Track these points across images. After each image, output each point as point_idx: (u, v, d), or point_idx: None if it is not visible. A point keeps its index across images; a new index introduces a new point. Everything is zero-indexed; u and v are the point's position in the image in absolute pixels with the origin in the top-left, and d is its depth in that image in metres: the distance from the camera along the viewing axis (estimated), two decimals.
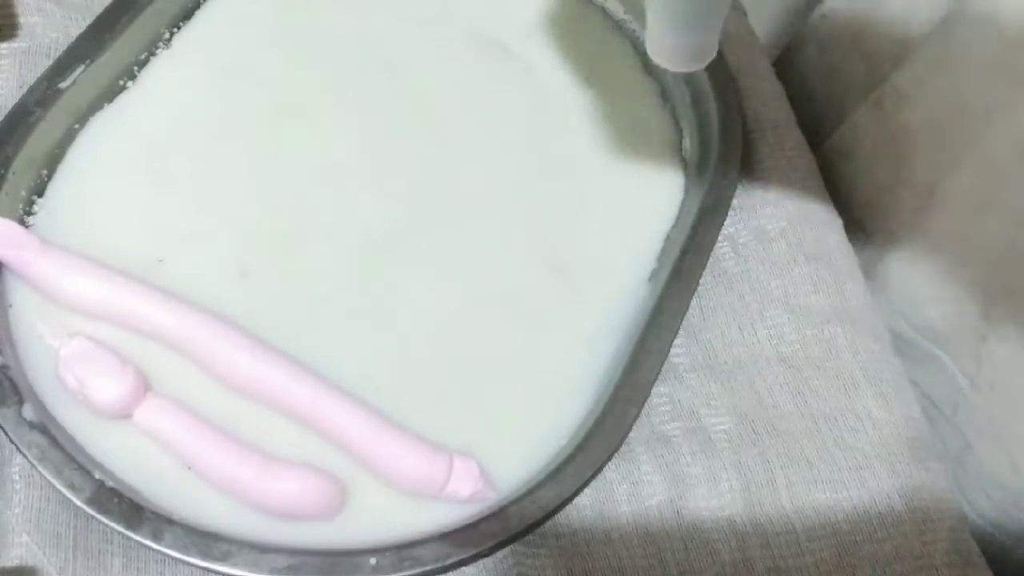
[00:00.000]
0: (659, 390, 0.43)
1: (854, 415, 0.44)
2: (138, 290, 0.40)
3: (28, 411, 0.37)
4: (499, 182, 0.47)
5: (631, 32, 0.52)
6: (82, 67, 0.44)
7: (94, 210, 0.43)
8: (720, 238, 0.46)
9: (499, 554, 0.39)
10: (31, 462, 0.36)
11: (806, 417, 0.44)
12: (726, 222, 0.46)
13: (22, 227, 0.41)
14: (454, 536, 0.37)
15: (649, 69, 0.51)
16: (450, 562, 0.36)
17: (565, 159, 0.48)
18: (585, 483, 0.39)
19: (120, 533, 0.35)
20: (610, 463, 0.40)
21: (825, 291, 0.47)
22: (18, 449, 0.36)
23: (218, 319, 0.40)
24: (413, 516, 0.38)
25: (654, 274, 0.45)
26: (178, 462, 0.38)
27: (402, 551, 0.36)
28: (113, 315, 0.40)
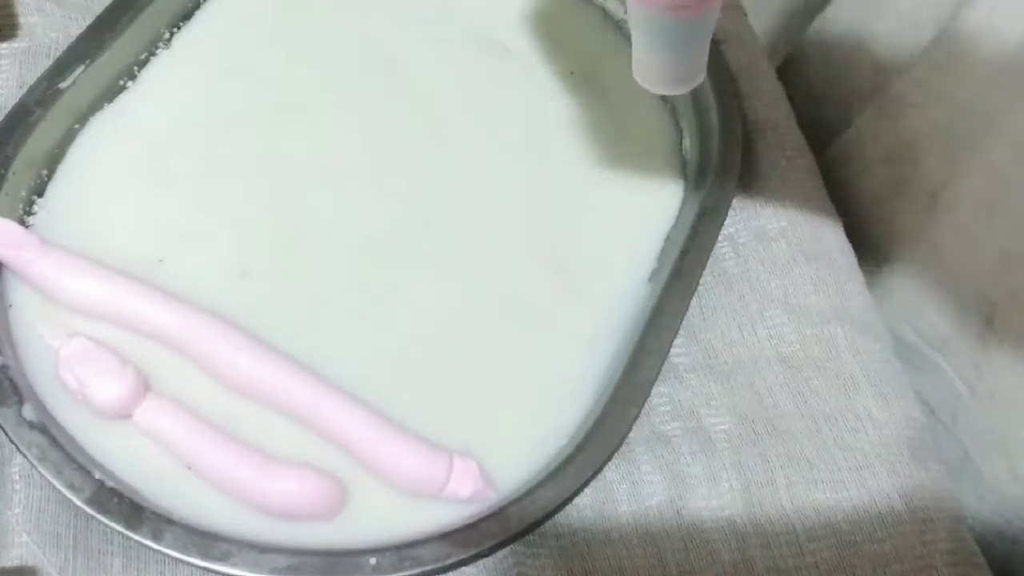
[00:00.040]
0: (659, 390, 0.43)
1: (854, 415, 0.44)
2: (138, 290, 0.40)
3: (28, 411, 0.37)
4: (499, 182, 0.47)
5: (631, 32, 0.52)
6: (82, 67, 0.44)
7: (94, 210, 0.43)
8: (720, 238, 0.46)
9: (499, 554, 0.39)
10: (31, 462, 0.36)
11: (806, 417, 0.44)
12: (726, 222, 0.46)
13: (22, 227, 0.41)
14: (454, 536, 0.37)
15: None
16: (450, 562, 0.36)
17: (565, 159, 0.48)
18: (585, 483, 0.39)
19: (120, 533, 0.35)
20: (610, 463, 0.40)
21: (825, 291, 0.47)
22: (18, 449, 0.36)
23: (218, 319, 0.40)
24: (413, 516, 0.38)
25: (654, 274, 0.45)
26: (178, 462, 0.38)
27: (402, 551, 0.36)
28: (113, 315, 0.40)
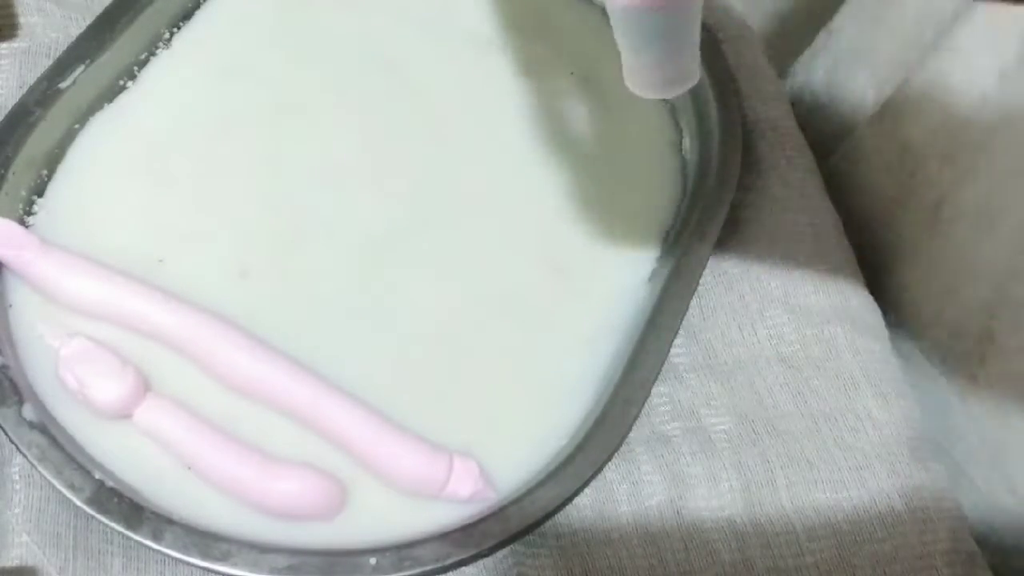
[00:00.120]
0: (659, 390, 0.43)
1: (854, 415, 0.44)
2: (138, 290, 0.40)
3: (28, 411, 0.37)
4: (499, 182, 0.47)
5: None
6: (82, 67, 0.44)
7: (94, 210, 0.43)
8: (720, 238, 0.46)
9: (499, 554, 0.39)
10: (31, 462, 0.36)
11: (806, 417, 0.44)
12: (725, 222, 0.46)
13: (22, 227, 0.41)
14: (454, 536, 0.37)
15: None
16: (450, 562, 0.36)
17: (565, 159, 0.48)
18: (585, 483, 0.39)
19: (120, 533, 0.35)
20: (610, 463, 0.40)
21: (825, 291, 0.47)
22: (18, 449, 0.36)
23: (218, 319, 0.40)
24: (413, 516, 0.38)
25: (654, 274, 0.45)
26: (178, 462, 0.38)
27: (402, 551, 0.36)
28: (113, 315, 0.40)
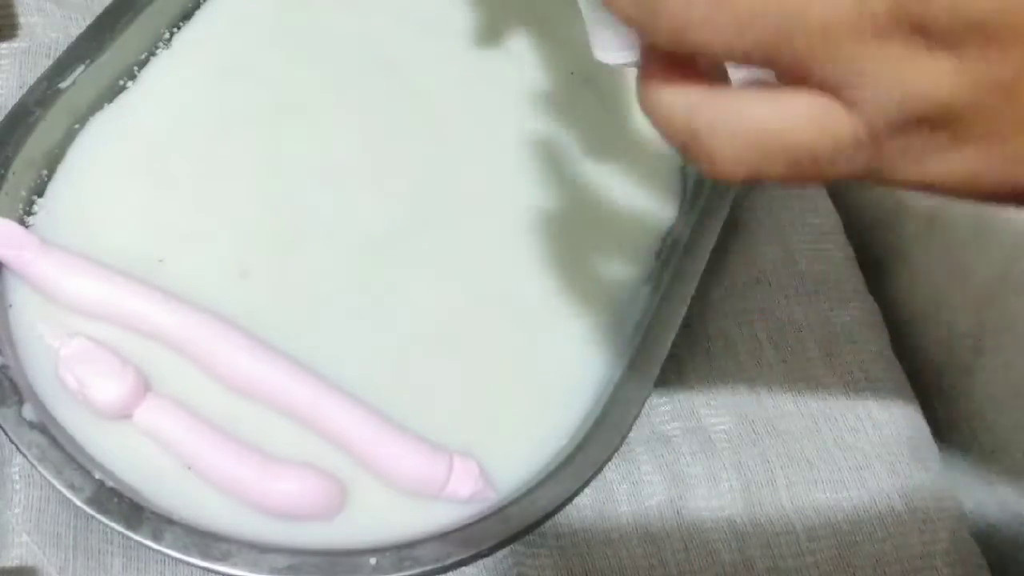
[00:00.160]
0: (659, 390, 0.43)
1: (854, 415, 0.44)
2: (138, 290, 0.40)
3: (28, 411, 0.37)
4: (499, 182, 0.47)
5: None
6: (82, 67, 0.44)
7: (94, 210, 0.43)
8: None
9: (499, 554, 0.39)
10: (31, 462, 0.36)
11: (806, 417, 0.44)
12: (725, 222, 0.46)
13: (22, 227, 0.41)
14: (454, 536, 0.37)
15: None
16: (450, 562, 0.36)
17: (564, 159, 0.48)
18: (585, 483, 0.39)
19: (120, 533, 0.35)
20: (610, 463, 0.40)
21: (825, 291, 0.47)
22: (18, 449, 0.36)
23: (218, 319, 0.40)
24: (413, 516, 0.38)
25: (654, 274, 0.45)
26: (178, 462, 0.38)
27: (402, 551, 0.36)
28: (113, 315, 0.40)
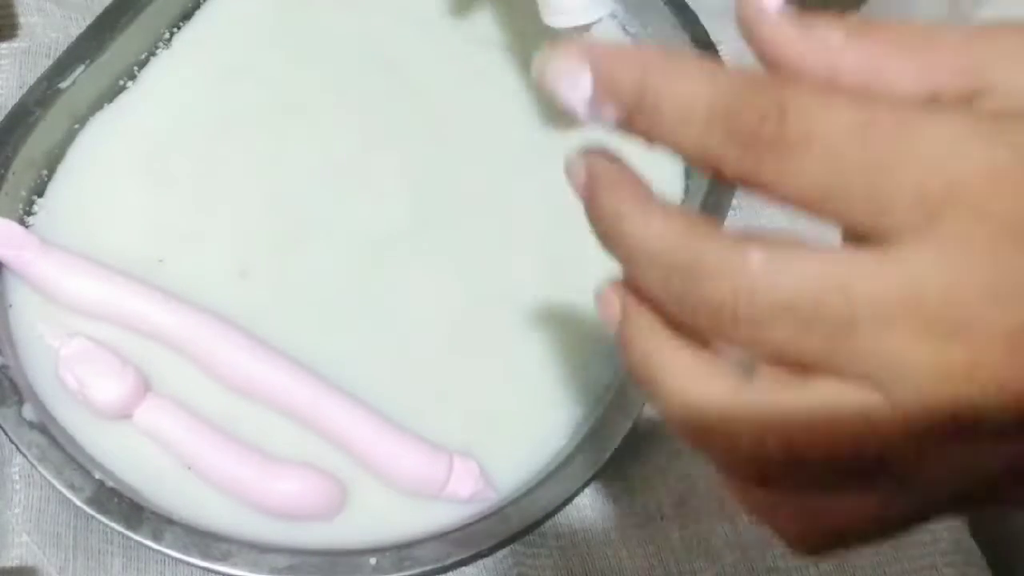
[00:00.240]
0: None
1: None
2: (138, 290, 0.40)
3: (28, 411, 0.37)
4: (499, 182, 0.47)
5: (632, 32, 0.52)
6: (82, 67, 0.44)
7: (94, 210, 0.43)
8: None
9: (499, 554, 0.39)
10: (31, 462, 0.36)
11: None
12: (726, 222, 0.46)
13: (22, 227, 0.41)
14: (454, 536, 0.37)
15: None
16: (450, 562, 0.36)
17: (565, 159, 0.48)
18: (585, 483, 0.39)
19: (120, 533, 0.36)
20: (610, 463, 0.40)
21: None
22: (18, 449, 0.36)
23: (218, 319, 0.40)
24: (413, 516, 0.38)
25: None
26: (178, 462, 0.38)
27: (402, 551, 0.36)
28: (113, 315, 0.40)
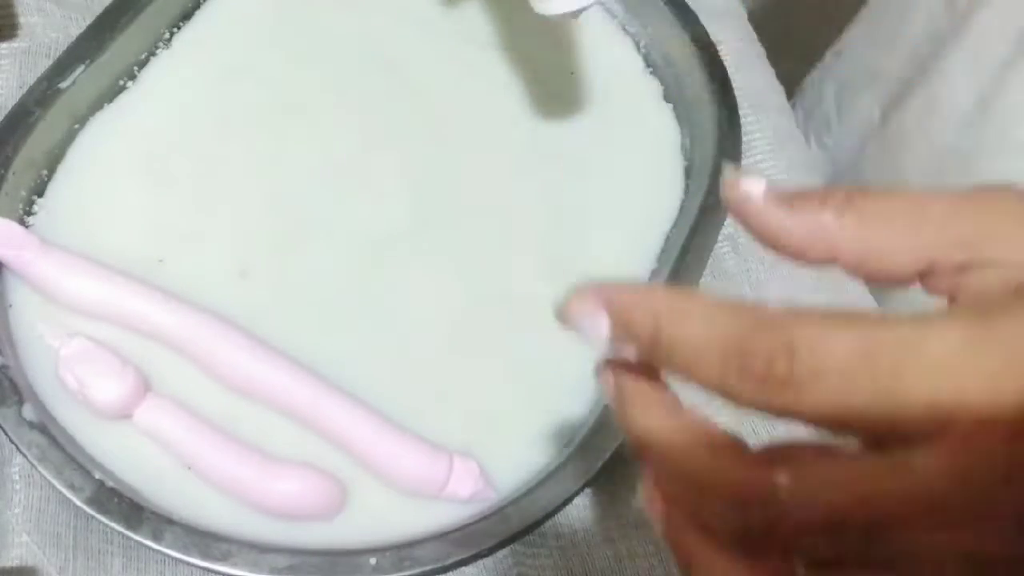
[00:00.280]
0: None
1: None
2: (138, 290, 0.40)
3: (28, 411, 0.37)
4: (499, 182, 0.47)
5: (632, 32, 0.52)
6: (82, 67, 0.44)
7: (94, 210, 0.43)
8: (720, 238, 0.46)
9: (499, 554, 0.39)
10: (31, 462, 0.36)
11: None
12: (726, 222, 0.46)
13: (22, 227, 0.41)
14: (454, 536, 0.37)
15: (650, 69, 0.51)
16: (450, 562, 0.36)
17: (565, 159, 0.48)
18: (585, 483, 0.39)
19: (120, 533, 0.35)
20: (610, 463, 0.40)
21: (825, 291, 0.47)
22: (18, 449, 0.36)
23: (218, 319, 0.40)
24: (413, 516, 0.38)
25: (654, 274, 0.45)
26: (178, 462, 0.38)
27: (402, 551, 0.36)
28: (113, 315, 0.40)
